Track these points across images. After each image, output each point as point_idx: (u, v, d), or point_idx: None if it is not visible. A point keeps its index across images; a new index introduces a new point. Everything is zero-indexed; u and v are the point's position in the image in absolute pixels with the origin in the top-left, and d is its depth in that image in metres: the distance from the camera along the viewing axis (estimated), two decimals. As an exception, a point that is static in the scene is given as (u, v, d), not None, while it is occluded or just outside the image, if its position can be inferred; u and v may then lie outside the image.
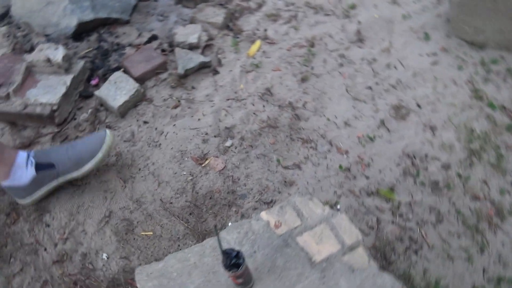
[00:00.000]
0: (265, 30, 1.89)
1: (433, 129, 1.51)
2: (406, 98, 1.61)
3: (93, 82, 1.69)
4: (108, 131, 1.37)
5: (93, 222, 1.35)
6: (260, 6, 2.01)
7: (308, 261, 0.91)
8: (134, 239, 1.32)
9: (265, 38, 1.86)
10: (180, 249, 1.26)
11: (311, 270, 0.89)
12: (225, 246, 0.82)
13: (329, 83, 1.68)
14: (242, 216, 1.34)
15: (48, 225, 1.35)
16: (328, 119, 1.57)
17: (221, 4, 1.99)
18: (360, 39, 1.82)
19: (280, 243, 0.93)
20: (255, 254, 0.92)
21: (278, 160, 1.47)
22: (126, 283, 1.22)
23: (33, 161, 1.29)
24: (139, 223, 1.35)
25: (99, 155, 1.35)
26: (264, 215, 0.95)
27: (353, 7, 1.95)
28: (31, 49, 1.74)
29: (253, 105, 1.63)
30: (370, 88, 1.65)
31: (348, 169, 1.43)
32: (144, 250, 1.29)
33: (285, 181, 1.42)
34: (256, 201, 1.37)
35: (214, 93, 1.67)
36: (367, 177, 1.40)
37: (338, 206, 1.33)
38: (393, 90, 1.64)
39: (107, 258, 1.27)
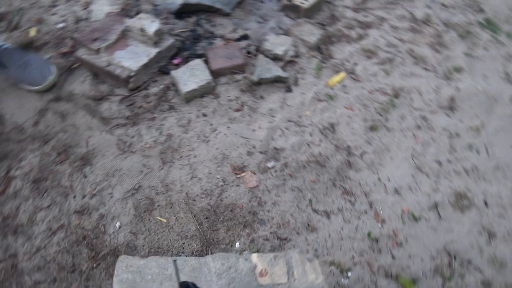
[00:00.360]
0: (355, 64, 1.80)
1: (491, 236, 1.32)
2: (475, 190, 1.43)
3: (175, 61, 1.77)
4: (54, 69, 1.66)
5: (122, 190, 1.42)
6: (360, 38, 1.92)
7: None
8: (149, 220, 1.36)
9: (351, 72, 1.77)
10: (183, 249, 1.28)
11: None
12: (205, 273, 0.81)
13: (397, 142, 1.56)
14: (251, 242, 1.31)
15: (85, 176, 1.46)
16: (379, 179, 1.46)
17: (321, 24, 1.94)
18: (450, 107, 1.65)
19: (260, 292, 0.89)
20: (231, 292, 0.90)
21: (310, 200, 1.41)
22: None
23: None
24: (159, 206, 1.39)
25: (39, 87, 1.65)
26: (255, 257, 0.91)
27: (458, 70, 1.77)
28: (137, 14, 1.87)
29: (311, 135, 1.57)
30: (439, 163, 1.50)
31: (377, 240, 1.32)
32: (152, 234, 1.33)
33: (308, 225, 1.35)
34: (271, 233, 1.33)
35: (278, 109, 1.65)
36: (393, 257, 1.28)
37: (349, 274, 1.24)
38: (464, 175, 1.46)
39: (119, 227, 1.34)
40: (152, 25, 1.65)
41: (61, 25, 1.95)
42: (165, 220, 1.37)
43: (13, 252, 1.27)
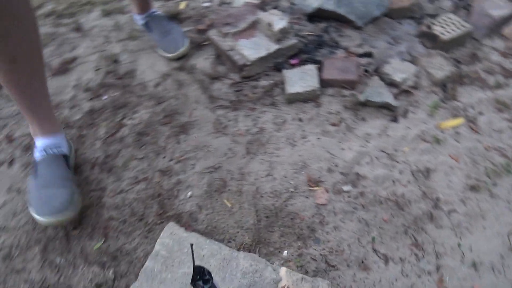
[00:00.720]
0: (480, 113, 1.60)
1: None
2: None
3: (293, 61, 1.81)
4: (187, 42, 1.86)
5: (203, 165, 1.54)
6: (498, 87, 1.69)
7: None
8: (216, 199, 1.45)
9: (471, 121, 1.58)
10: (235, 237, 1.34)
11: None
12: (233, 266, 0.84)
13: (497, 212, 1.35)
14: (299, 256, 1.30)
15: (178, 143, 1.61)
16: (459, 245, 1.29)
17: (456, 61, 1.76)
18: None
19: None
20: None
21: (373, 238, 1.33)
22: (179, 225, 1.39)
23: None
24: (229, 191, 1.47)
25: (171, 55, 1.86)
26: (283, 271, 0.91)
27: None
28: (273, 9, 1.96)
29: (400, 173, 1.47)
30: (543, 253, 1.26)
31: (430, 307, 1.19)
32: (214, 213, 1.42)
33: (362, 262, 1.29)
34: (322, 255, 1.30)
35: (375, 136, 1.57)
36: (443, 332, 1.14)
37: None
38: None
39: (189, 197, 1.46)
40: (279, 23, 1.72)
41: (206, 4, 2.15)
42: (230, 205, 1.44)
43: (103, 186, 1.49)
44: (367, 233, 1.34)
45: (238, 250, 1.26)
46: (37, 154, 1.37)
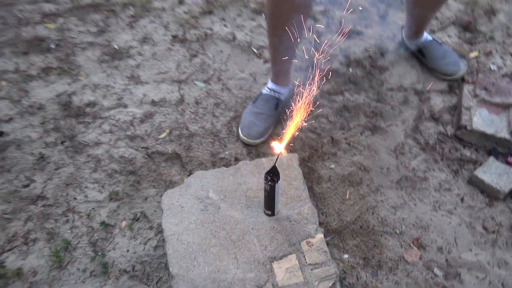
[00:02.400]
0: None
1: None
2: None
3: (510, 159, 1.72)
4: (466, 66, 2.05)
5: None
6: None
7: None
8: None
9: None
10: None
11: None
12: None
13: None
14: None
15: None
16: None
17: None
18: None
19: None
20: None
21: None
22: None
23: None
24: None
25: (450, 77, 2.06)
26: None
27: None
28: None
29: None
30: None
31: None
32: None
33: None
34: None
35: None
36: None
37: None
38: None
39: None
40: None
41: (493, 67, 2.15)
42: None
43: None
44: None
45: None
46: (264, 90, 1.89)
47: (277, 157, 1.14)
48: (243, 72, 2.14)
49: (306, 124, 1.16)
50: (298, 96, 1.13)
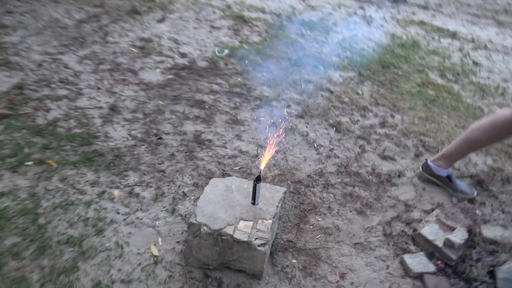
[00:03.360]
0: None
1: None
2: None
3: (440, 264, 2.40)
4: (475, 192, 2.97)
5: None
6: None
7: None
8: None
9: None
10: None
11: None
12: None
13: None
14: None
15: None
16: None
17: None
18: None
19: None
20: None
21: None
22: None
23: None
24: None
25: (471, 196, 2.96)
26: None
27: None
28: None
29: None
30: None
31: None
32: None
33: None
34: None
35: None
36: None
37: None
38: None
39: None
40: (456, 237, 2.38)
41: (479, 212, 2.85)
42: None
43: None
44: None
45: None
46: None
47: (260, 172, 2.30)
48: (301, 155, 3.33)
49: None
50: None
